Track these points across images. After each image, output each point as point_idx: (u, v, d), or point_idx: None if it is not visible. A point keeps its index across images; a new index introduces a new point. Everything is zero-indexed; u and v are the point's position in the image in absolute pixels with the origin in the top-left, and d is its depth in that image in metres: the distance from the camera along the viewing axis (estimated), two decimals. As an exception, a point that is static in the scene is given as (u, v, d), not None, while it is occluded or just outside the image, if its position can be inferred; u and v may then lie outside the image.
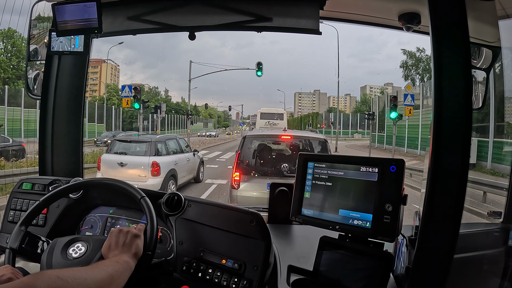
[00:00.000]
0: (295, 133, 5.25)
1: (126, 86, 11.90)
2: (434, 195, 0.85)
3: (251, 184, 4.48)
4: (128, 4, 1.33)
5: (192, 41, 1.35)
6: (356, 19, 1.48)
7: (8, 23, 20.45)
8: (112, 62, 42.73)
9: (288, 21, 1.29)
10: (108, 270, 0.75)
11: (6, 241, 1.12)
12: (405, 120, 17.48)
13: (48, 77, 1.52)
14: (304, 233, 1.31)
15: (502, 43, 1.37)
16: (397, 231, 0.91)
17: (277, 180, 3.20)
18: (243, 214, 1.02)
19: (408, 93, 13.44)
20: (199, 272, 0.99)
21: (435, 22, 0.87)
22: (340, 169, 1.02)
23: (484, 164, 11.11)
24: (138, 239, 0.89)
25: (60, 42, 1.35)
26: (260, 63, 12.66)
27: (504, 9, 1.21)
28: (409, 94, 13.10)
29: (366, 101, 47.75)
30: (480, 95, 1.54)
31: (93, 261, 0.87)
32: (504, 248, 1.32)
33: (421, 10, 1.27)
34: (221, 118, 62.37)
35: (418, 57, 29.30)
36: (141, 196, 0.98)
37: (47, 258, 0.92)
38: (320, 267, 1.00)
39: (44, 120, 1.54)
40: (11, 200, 1.30)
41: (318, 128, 34.63)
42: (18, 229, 0.97)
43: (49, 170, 1.55)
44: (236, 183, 4.47)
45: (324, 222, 1.01)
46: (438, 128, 0.85)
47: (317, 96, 68.85)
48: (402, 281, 0.97)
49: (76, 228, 1.23)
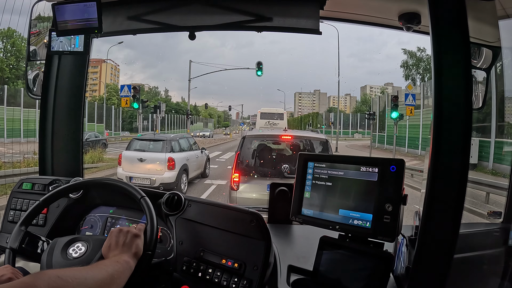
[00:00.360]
0: (296, 133, 5.21)
1: (125, 85, 11.97)
2: (434, 195, 0.85)
3: (251, 185, 4.42)
4: (128, 4, 1.33)
5: (192, 41, 1.35)
6: (356, 19, 1.48)
7: (8, 22, 20.46)
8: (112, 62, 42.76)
9: (288, 21, 1.29)
10: (108, 270, 0.75)
11: (6, 241, 1.12)
12: (406, 120, 17.37)
13: (48, 77, 1.52)
14: (304, 233, 1.31)
15: (502, 43, 1.37)
16: (397, 231, 0.91)
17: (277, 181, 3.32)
18: (243, 214, 1.02)
19: (409, 93, 13.37)
20: (199, 272, 0.99)
21: (435, 22, 0.87)
22: (340, 169, 1.02)
23: (486, 164, 11.06)
24: (138, 239, 0.89)
25: (60, 42, 1.35)
26: (260, 62, 12.68)
27: (504, 9, 1.21)
28: (410, 94, 13.03)
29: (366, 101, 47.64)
30: (480, 95, 1.54)
31: (93, 261, 0.87)
32: (504, 248, 1.32)
33: (421, 10, 1.27)
34: (221, 118, 62.38)
35: (419, 56, 29.22)
36: (141, 196, 0.98)
37: (47, 258, 0.93)
38: (320, 267, 1.00)
39: (44, 120, 1.54)
40: (11, 200, 1.30)
41: (318, 128, 34.58)
42: (18, 229, 0.97)
43: (49, 170, 1.55)
44: (236, 184, 4.39)
45: (324, 222, 1.01)
46: (438, 128, 0.85)
47: (317, 96, 68.85)
48: (402, 281, 0.97)
49: (76, 228, 1.23)
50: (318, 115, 44.55)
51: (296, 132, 5.46)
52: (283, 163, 4.54)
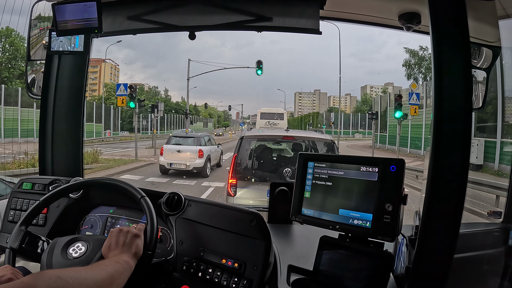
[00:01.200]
0: (298, 133, 4.89)
1: (121, 84, 12.10)
2: (434, 195, 0.85)
3: (249, 191, 4.08)
4: (128, 4, 1.33)
5: (192, 41, 1.35)
6: (356, 19, 1.48)
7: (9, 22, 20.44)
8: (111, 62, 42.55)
9: (288, 21, 1.29)
10: (108, 270, 0.75)
11: (6, 241, 1.12)
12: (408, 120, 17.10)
13: (48, 77, 1.52)
14: (304, 233, 1.31)
15: (502, 43, 1.37)
16: (397, 231, 0.91)
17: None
18: (243, 213, 1.02)
19: (413, 92, 13.13)
20: (199, 271, 0.99)
21: (435, 21, 0.87)
22: (340, 169, 1.02)
23: (492, 165, 10.84)
24: (138, 239, 0.89)
25: (60, 41, 1.35)
26: (260, 61, 12.61)
27: (504, 9, 1.21)
28: (414, 93, 12.78)
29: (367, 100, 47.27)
30: (480, 95, 1.54)
31: (93, 260, 0.87)
32: (504, 248, 1.32)
33: (421, 10, 1.27)
34: (221, 118, 62.30)
35: (421, 55, 28.85)
36: (141, 196, 0.98)
37: (47, 257, 0.93)
38: (320, 267, 1.00)
39: (44, 120, 1.54)
40: (11, 200, 1.30)
41: (318, 128, 34.35)
42: (18, 229, 0.97)
43: (49, 170, 1.55)
44: (233, 189, 4.04)
45: (324, 222, 1.01)
46: (438, 128, 0.85)
47: (317, 96, 68.79)
48: (402, 281, 0.97)
49: (76, 228, 1.23)
50: (318, 114, 43.95)
51: (299, 133, 5.14)
52: (284, 167, 4.21)
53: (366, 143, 25.11)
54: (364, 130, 34.61)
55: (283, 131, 4.95)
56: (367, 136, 31.97)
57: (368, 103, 45.16)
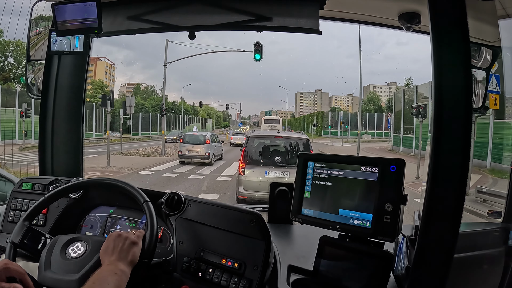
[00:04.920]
0: (285, 134, 7.58)
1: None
2: (434, 195, 0.85)
3: (253, 172, 6.26)
4: (128, 4, 1.33)
5: (192, 41, 1.35)
6: (356, 19, 1.49)
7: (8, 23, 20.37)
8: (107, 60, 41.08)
9: (288, 21, 1.29)
10: (110, 286, 0.77)
11: (6, 241, 1.11)
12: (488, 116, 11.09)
13: (48, 77, 1.52)
14: (304, 233, 1.31)
15: (502, 43, 1.37)
16: (397, 230, 0.91)
17: (272, 169, 6.21)
18: (243, 213, 1.02)
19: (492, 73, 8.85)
20: (199, 271, 0.99)
21: (435, 21, 0.87)
22: (340, 169, 1.02)
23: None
24: (135, 247, 0.88)
25: (60, 42, 1.35)
26: (258, 44, 9.47)
27: (504, 8, 1.21)
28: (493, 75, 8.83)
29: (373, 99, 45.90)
30: (480, 95, 1.54)
31: (90, 263, 0.88)
32: (504, 248, 1.32)
33: (421, 10, 1.27)
34: (221, 118, 61.90)
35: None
36: (144, 200, 0.97)
37: (46, 255, 0.92)
38: (320, 267, 1.00)
39: (44, 120, 1.54)
40: (11, 200, 1.30)
41: (324, 130, 34.04)
42: (21, 223, 0.96)
43: (49, 170, 1.55)
44: (243, 170, 6.29)
45: (324, 222, 1.01)
46: (438, 128, 0.85)
47: (319, 95, 68.58)
48: (402, 281, 0.97)
49: (76, 228, 1.23)
50: (323, 114, 39.17)
51: (286, 134, 7.92)
52: (276, 155, 6.47)
53: (380, 146, 22.71)
54: (372, 130, 33.03)
55: (276, 132, 7.44)
56: (376, 137, 30.62)
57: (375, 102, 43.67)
